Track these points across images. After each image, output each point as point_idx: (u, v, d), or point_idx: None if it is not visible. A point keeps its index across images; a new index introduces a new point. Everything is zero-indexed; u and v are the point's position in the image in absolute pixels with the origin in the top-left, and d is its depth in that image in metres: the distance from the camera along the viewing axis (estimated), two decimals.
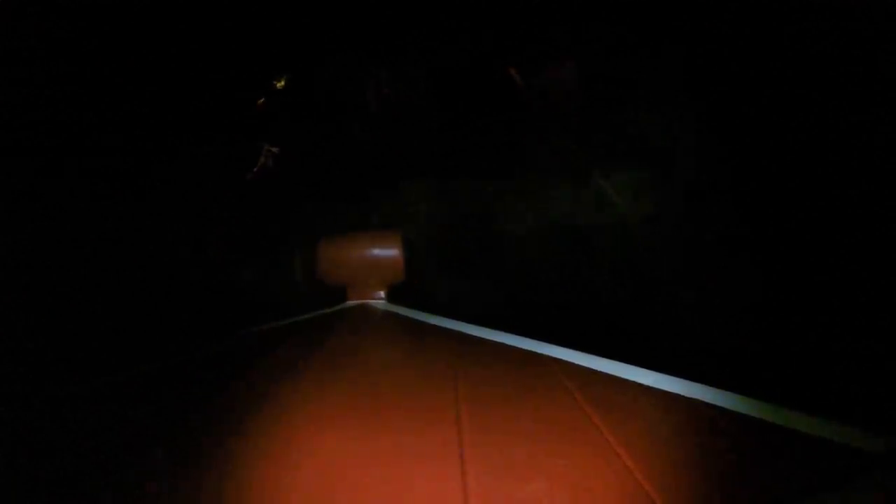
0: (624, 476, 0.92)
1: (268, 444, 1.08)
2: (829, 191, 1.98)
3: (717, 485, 0.91)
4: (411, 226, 2.76)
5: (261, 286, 2.76)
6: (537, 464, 0.96)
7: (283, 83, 2.87)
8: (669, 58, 2.59)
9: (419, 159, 2.94)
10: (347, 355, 1.70)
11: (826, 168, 2.01)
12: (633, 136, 2.68)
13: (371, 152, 2.99)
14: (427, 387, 1.33)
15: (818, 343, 1.84)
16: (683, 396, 1.22)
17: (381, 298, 2.25)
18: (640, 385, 1.30)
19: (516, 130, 2.88)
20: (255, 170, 2.79)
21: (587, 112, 2.83)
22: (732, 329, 2.13)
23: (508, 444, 1.03)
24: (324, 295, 2.35)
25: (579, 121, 2.84)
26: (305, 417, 1.20)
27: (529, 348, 1.59)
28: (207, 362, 1.75)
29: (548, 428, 1.10)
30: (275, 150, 2.81)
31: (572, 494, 0.88)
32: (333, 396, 1.32)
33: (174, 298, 2.50)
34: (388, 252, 2.23)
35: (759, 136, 2.26)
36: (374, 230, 2.48)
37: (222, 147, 2.79)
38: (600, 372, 1.39)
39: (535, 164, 2.83)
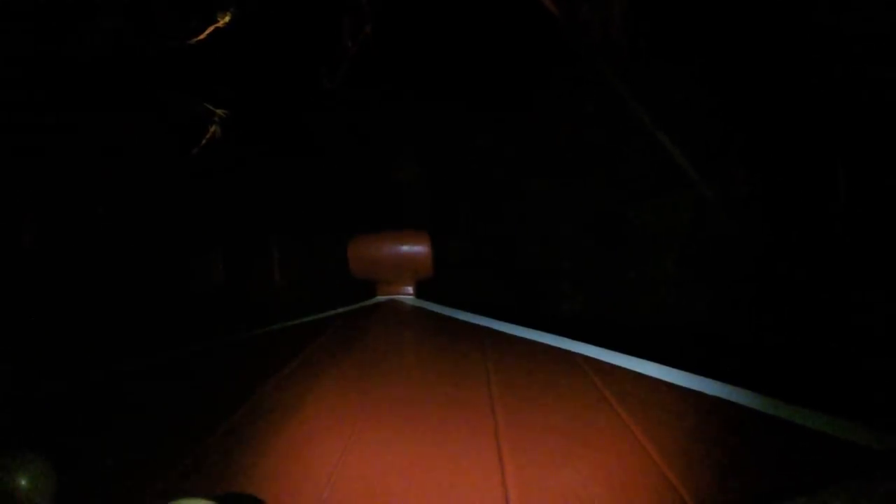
0: (650, 469, 0.98)
1: (307, 436, 1.16)
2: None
3: (741, 480, 0.97)
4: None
5: (233, 288, 2.40)
6: (571, 456, 1.03)
7: (227, 20, 2.07)
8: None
9: (421, 130, 2.42)
10: (381, 351, 1.78)
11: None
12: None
13: (352, 111, 2.30)
14: (461, 382, 1.41)
15: (847, 344, 1.83)
16: (707, 394, 1.28)
17: (410, 294, 2.32)
18: (665, 382, 1.36)
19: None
20: (203, 141, 2.15)
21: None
22: (752, 326, 2.13)
23: (542, 438, 1.10)
24: (314, 296, 2.26)
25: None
26: (347, 410, 1.28)
27: (557, 345, 1.66)
28: (242, 354, 1.84)
29: (578, 423, 1.16)
30: (222, 113, 2.17)
31: (603, 486, 0.95)
32: (372, 390, 1.41)
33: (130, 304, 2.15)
34: (416, 249, 2.30)
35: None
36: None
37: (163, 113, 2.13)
38: (627, 369, 1.45)
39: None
